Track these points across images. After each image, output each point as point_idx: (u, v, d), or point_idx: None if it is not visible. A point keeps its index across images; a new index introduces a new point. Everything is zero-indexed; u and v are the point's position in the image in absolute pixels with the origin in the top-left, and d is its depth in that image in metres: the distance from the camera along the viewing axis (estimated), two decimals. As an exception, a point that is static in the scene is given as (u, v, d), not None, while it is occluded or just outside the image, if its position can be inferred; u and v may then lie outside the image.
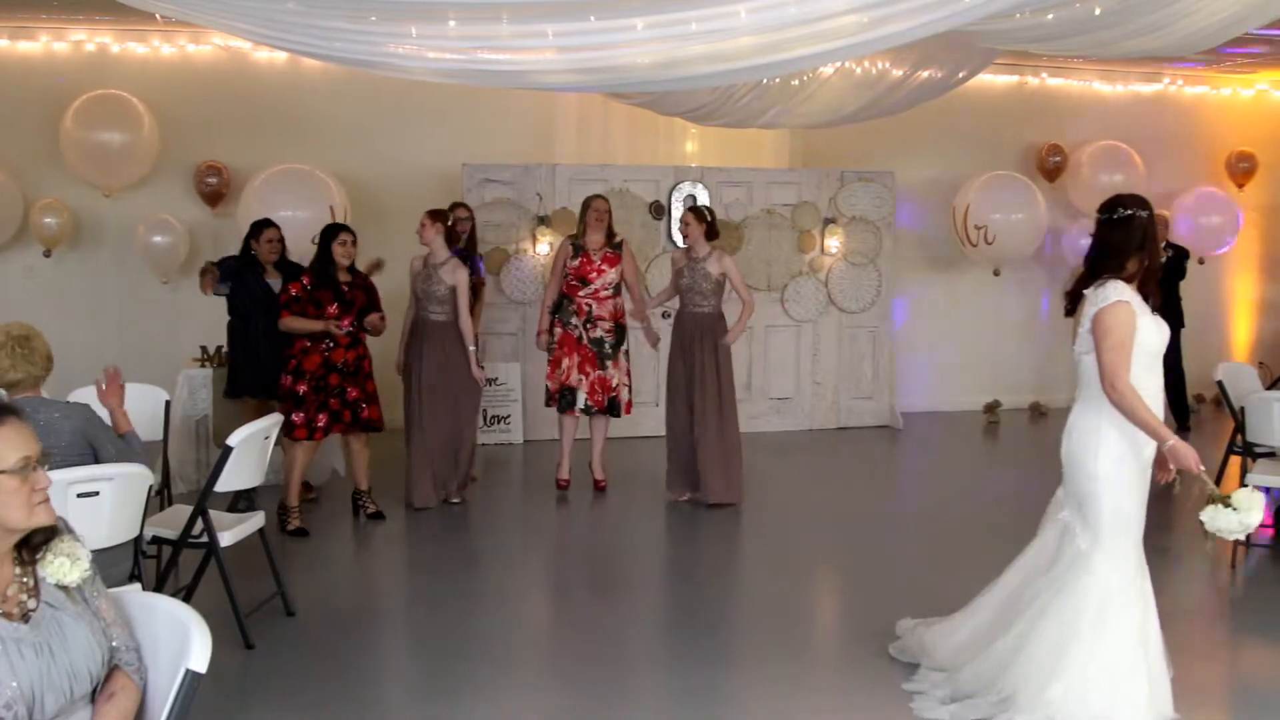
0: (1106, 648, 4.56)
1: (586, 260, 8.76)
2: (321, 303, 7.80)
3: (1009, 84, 13.04)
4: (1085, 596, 4.62)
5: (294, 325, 7.78)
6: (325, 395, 7.83)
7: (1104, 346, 4.51)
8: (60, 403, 4.97)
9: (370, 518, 8.16)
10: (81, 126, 10.47)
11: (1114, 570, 4.62)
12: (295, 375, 7.79)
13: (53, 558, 2.88)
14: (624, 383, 8.94)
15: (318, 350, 7.82)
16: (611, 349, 8.83)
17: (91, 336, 10.70)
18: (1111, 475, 4.64)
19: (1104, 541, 4.64)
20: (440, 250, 8.37)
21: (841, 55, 6.89)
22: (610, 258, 8.79)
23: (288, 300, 7.81)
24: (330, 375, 7.85)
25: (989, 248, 12.10)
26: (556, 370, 8.86)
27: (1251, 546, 7.34)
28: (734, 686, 5.25)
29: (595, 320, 8.78)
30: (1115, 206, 4.71)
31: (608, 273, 8.77)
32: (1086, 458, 4.69)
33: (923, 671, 5.21)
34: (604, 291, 8.79)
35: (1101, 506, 4.65)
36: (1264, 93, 13.93)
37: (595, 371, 8.79)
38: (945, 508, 8.74)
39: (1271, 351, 13.77)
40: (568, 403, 8.85)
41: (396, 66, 6.04)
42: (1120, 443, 4.62)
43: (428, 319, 8.42)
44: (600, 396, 8.83)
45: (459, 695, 5.17)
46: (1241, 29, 6.37)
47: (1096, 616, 4.58)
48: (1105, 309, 4.53)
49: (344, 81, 10.79)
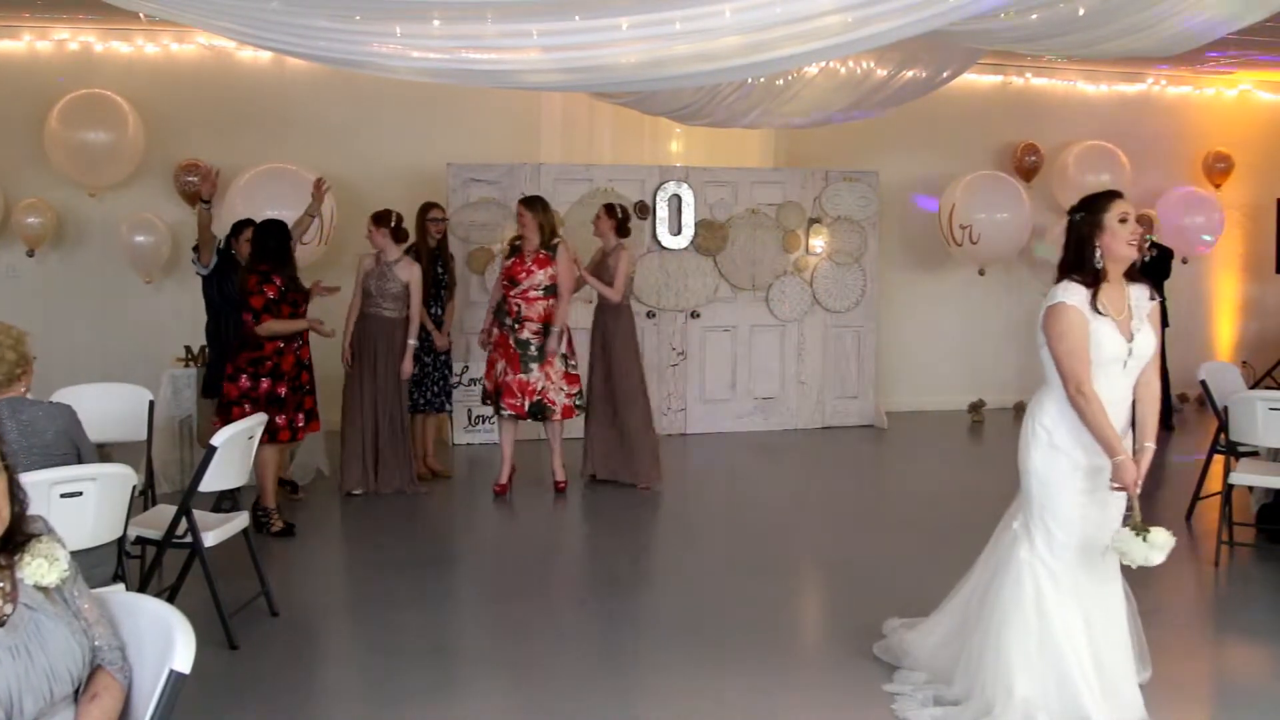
0: (1052, 641, 4.57)
1: (519, 261, 8.79)
2: (297, 303, 7.76)
3: (993, 84, 13.08)
4: (1020, 589, 4.64)
5: (278, 328, 7.64)
6: (301, 395, 7.83)
7: (1059, 352, 4.52)
8: (43, 403, 4.95)
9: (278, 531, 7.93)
10: (66, 126, 10.44)
11: (1041, 563, 4.63)
12: (274, 377, 7.67)
13: (30, 559, 2.87)
14: (557, 385, 8.81)
15: (291, 351, 7.75)
16: (538, 351, 8.75)
17: (75, 336, 10.68)
18: (1039, 471, 4.66)
19: (1033, 533, 4.67)
20: (391, 249, 8.68)
21: (826, 55, 6.90)
22: (541, 259, 8.74)
23: (266, 304, 7.61)
24: (302, 374, 7.85)
25: (974, 247, 12.14)
26: (492, 370, 8.90)
27: (1235, 545, 7.37)
28: (716, 687, 5.24)
29: (523, 320, 8.74)
30: (1074, 210, 4.72)
31: (536, 274, 8.72)
32: (1022, 450, 4.74)
33: (902, 673, 5.23)
34: (533, 292, 8.73)
35: (1030, 498, 4.70)
36: (1247, 93, 13.98)
37: (516, 375, 8.71)
38: (930, 507, 8.75)
39: (1254, 351, 13.83)
40: (497, 404, 8.87)
41: (381, 66, 6.02)
42: (1051, 441, 4.63)
43: (380, 315, 8.68)
44: (519, 401, 8.70)
45: (446, 694, 5.17)
46: (1226, 29, 6.38)
47: (1035, 609, 4.60)
48: (1048, 310, 4.55)
49: (329, 81, 10.78)
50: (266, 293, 7.62)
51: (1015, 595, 4.65)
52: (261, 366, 7.65)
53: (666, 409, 11.44)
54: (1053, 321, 4.53)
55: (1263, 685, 5.42)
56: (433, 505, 8.74)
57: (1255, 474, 7.30)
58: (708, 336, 11.66)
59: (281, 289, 7.68)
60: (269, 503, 7.81)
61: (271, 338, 7.64)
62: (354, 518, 8.37)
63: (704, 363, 11.66)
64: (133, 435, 6.86)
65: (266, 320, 7.60)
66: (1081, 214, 4.65)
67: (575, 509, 8.76)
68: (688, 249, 11.47)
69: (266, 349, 7.66)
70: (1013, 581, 4.67)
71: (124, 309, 11.08)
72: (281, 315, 7.66)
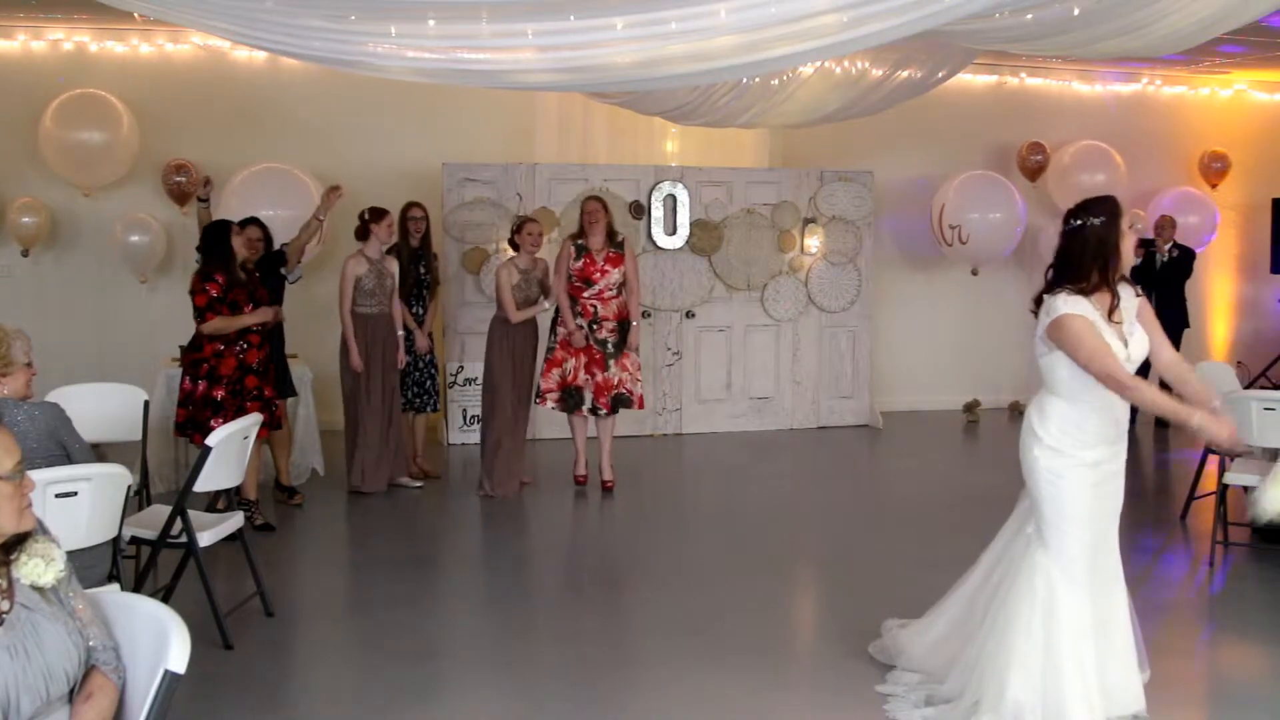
0: (1056, 644, 4.56)
1: (590, 261, 8.75)
2: (238, 303, 7.53)
3: (988, 84, 13.09)
4: (1032, 592, 4.63)
5: (221, 325, 7.43)
6: (243, 399, 7.58)
7: (1082, 359, 4.47)
8: (24, 404, 4.91)
9: (257, 529, 7.83)
10: (60, 125, 10.43)
11: (1056, 565, 4.62)
12: (210, 380, 7.49)
13: (27, 559, 2.87)
14: (635, 377, 8.94)
15: (232, 354, 7.53)
16: (615, 348, 8.81)
17: (69, 336, 10.66)
18: (1046, 475, 4.64)
19: (1046, 536, 4.65)
20: (378, 247, 8.81)
21: (821, 55, 6.91)
22: (613, 257, 8.79)
23: (209, 302, 7.43)
24: (247, 378, 7.61)
25: (965, 247, 12.15)
26: (556, 370, 8.86)
27: (1230, 545, 7.38)
28: (712, 686, 5.24)
29: (601, 321, 8.77)
30: (1072, 215, 4.69)
31: (612, 273, 8.76)
32: (1024, 456, 4.73)
33: (896, 673, 5.23)
34: (608, 292, 8.78)
35: (1041, 503, 4.67)
36: (1242, 92, 14.00)
37: (601, 374, 8.78)
38: (925, 507, 8.76)
39: (1249, 350, 13.83)
40: (575, 403, 8.84)
41: (375, 66, 6.02)
42: (1053, 445, 4.62)
43: (383, 313, 8.80)
44: (605, 399, 8.83)
45: (442, 695, 5.17)
46: (1220, 29, 6.39)
47: (1045, 612, 4.59)
48: (1056, 321, 4.50)
49: (324, 81, 10.76)
50: (209, 290, 7.43)
51: (1027, 598, 4.63)
52: (199, 369, 7.51)
53: (661, 409, 11.45)
54: (1063, 334, 4.49)
55: (1258, 684, 5.43)
56: (428, 505, 8.74)
57: (1250, 474, 7.30)
58: (703, 336, 11.65)
59: (224, 286, 7.47)
60: (251, 495, 7.78)
61: (212, 338, 7.48)
62: (349, 517, 8.37)
63: (699, 363, 11.66)
64: (127, 435, 6.85)
65: (210, 318, 7.43)
66: (1103, 219, 4.59)
67: (575, 508, 8.75)
68: (683, 249, 11.46)
69: (205, 350, 7.50)
70: (1025, 584, 4.66)
71: (118, 308, 11.07)
72: (221, 314, 7.46)
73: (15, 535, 2.87)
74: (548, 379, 8.89)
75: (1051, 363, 4.61)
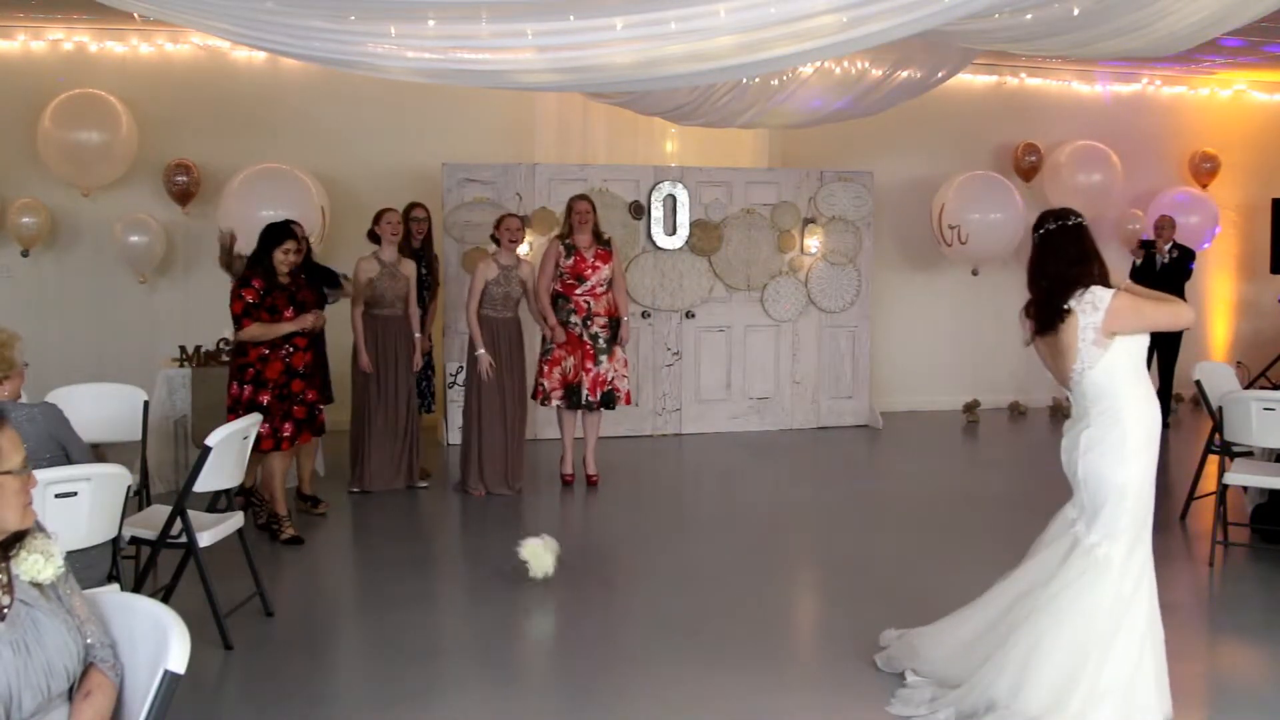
0: (1118, 657, 4.55)
1: (580, 258, 8.88)
2: (277, 307, 7.47)
3: (988, 84, 13.09)
4: (1098, 608, 4.58)
5: (258, 333, 7.40)
6: (290, 403, 7.59)
7: (1147, 323, 4.64)
8: (24, 405, 4.92)
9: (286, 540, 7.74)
10: (60, 126, 10.44)
11: (1127, 577, 4.61)
12: (256, 384, 7.46)
13: (26, 555, 2.87)
14: (622, 374, 9.07)
15: (278, 358, 7.51)
16: (606, 344, 8.93)
17: (69, 336, 10.67)
18: (1136, 480, 4.62)
19: (1126, 549, 4.62)
20: (390, 250, 8.80)
21: (821, 55, 6.90)
22: (602, 254, 8.94)
23: (245, 309, 7.38)
24: (293, 382, 7.60)
25: (964, 247, 12.15)
26: (556, 368, 8.95)
27: (1230, 545, 7.38)
28: (712, 685, 5.24)
29: (593, 316, 8.91)
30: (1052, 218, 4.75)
31: (602, 269, 8.91)
32: (1114, 470, 4.62)
33: (905, 691, 5.03)
34: (599, 288, 8.92)
35: (1124, 512, 4.61)
36: (1241, 93, 14.00)
37: (595, 369, 8.90)
38: (925, 507, 8.74)
39: (1249, 351, 13.84)
40: (576, 400, 8.96)
41: (375, 66, 6.02)
42: (1142, 446, 4.63)
43: (390, 315, 8.79)
44: (595, 394, 8.96)
45: (440, 696, 5.16)
46: (1220, 30, 6.39)
47: (1110, 626, 4.56)
48: (1112, 309, 4.55)
49: (323, 81, 10.77)
50: (245, 297, 7.39)
51: (1091, 615, 4.58)
52: (245, 373, 7.48)
53: (661, 409, 11.45)
54: (1125, 314, 4.58)
55: (1258, 685, 5.43)
56: (427, 504, 8.74)
57: (1250, 474, 7.31)
58: (702, 337, 11.65)
59: (261, 291, 7.43)
60: (280, 510, 7.68)
61: (255, 344, 7.45)
62: (349, 517, 8.36)
63: (699, 363, 11.65)
64: (127, 435, 6.85)
65: (247, 325, 7.39)
66: (1077, 216, 4.74)
67: (572, 508, 8.75)
68: (682, 249, 11.46)
69: (250, 355, 7.46)
70: (1089, 602, 4.59)
71: (118, 309, 11.07)
72: (260, 320, 7.42)
73: (15, 532, 2.88)
74: (550, 378, 8.96)
75: (1109, 362, 4.61)
